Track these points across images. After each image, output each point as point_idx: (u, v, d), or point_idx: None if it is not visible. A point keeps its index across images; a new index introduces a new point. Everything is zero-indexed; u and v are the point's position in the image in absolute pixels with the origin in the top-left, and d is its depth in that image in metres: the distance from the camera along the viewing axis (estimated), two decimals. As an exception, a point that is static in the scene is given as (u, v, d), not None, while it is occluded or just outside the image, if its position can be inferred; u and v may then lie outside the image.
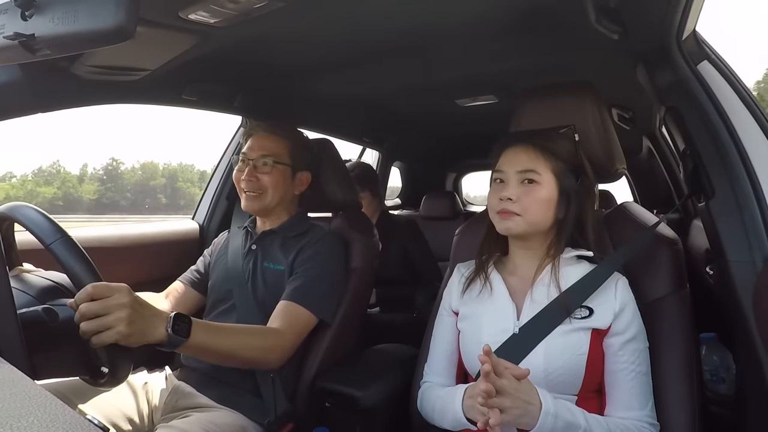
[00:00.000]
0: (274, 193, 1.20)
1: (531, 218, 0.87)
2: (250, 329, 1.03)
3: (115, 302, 0.74)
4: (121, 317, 0.74)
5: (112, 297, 0.75)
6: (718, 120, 0.93)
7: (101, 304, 0.74)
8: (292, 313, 1.08)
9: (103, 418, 0.96)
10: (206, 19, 0.88)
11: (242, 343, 0.96)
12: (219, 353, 0.92)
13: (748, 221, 0.87)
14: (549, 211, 0.88)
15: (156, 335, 0.80)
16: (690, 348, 0.88)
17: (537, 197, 0.87)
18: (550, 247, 0.91)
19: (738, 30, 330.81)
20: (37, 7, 0.56)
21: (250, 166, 1.19)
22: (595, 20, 0.93)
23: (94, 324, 0.73)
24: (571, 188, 0.89)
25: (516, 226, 0.88)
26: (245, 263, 1.22)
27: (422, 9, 0.96)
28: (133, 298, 0.78)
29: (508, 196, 0.87)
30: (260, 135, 1.23)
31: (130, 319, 0.75)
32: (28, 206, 0.81)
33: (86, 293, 0.73)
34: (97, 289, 0.74)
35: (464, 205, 3.47)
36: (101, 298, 0.74)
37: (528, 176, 0.87)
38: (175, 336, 0.81)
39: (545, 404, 0.73)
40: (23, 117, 0.97)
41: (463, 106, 1.82)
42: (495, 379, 0.71)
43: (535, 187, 0.87)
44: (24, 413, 0.32)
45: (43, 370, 0.73)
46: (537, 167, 0.87)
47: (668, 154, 2.15)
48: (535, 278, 0.90)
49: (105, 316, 0.73)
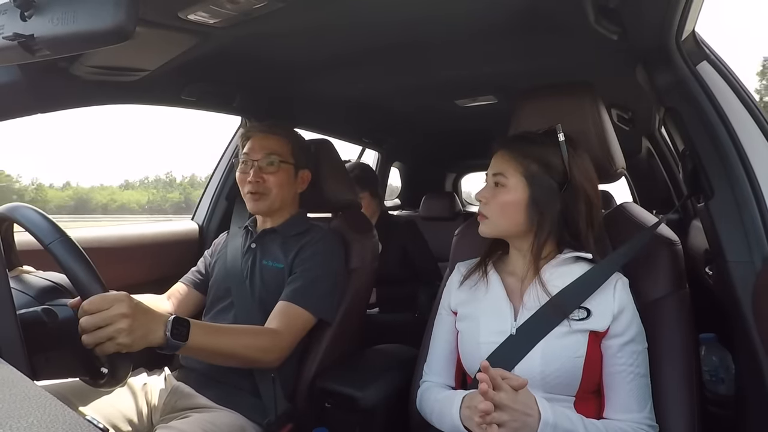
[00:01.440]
0: (279, 192, 1.21)
1: (497, 221, 0.89)
2: (248, 330, 1.03)
3: (114, 313, 0.75)
4: (122, 328, 0.75)
5: (111, 308, 0.75)
6: (717, 120, 0.93)
7: (100, 317, 0.74)
8: (291, 314, 1.08)
9: (102, 418, 0.96)
10: (205, 19, 0.88)
11: (240, 344, 0.97)
12: (217, 354, 0.94)
13: (747, 221, 0.87)
14: (517, 215, 0.88)
15: (156, 340, 0.82)
16: (689, 348, 0.88)
17: (501, 201, 0.88)
18: (532, 249, 0.89)
19: (738, 29, 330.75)
20: (37, 7, 0.56)
21: (255, 167, 1.19)
22: (595, 21, 0.93)
23: (95, 337, 0.74)
24: (544, 192, 0.86)
25: (485, 228, 0.91)
26: (244, 261, 1.22)
27: (422, 9, 0.96)
28: (133, 305, 0.79)
29: (479, 198, 0.90)
30: (261, 135, 1.23)
31: (130, 328, 0.76)
32: (28, 207, 0.81)
33: (83, 309, 0.74)
34: (93, 304, 0.74)
35: (464, 205, 3.48)
36: (100, 310, 0.75)
37: (496, 179, 0.89)
38: (173, 340, 0.83)
39: (544, 415, 0.73)
40: (24, 117, 0.97)
41: (462, 107, 1.82)
42: (493, 394, 0.71)
43: (500, 191, 0.89)
44: (24, 414, 0.32)
45: (43, 371, 0.73)
46: (505, 171, 0.88)
47: (667, 155, 2.15)
48: (525, 279, 0.91)
49: (105, 327, 0.74)
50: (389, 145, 2.58)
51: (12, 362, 0.46)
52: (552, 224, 0.87)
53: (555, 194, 0.87)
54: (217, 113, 1.50)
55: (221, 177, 1.70)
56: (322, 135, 1.69)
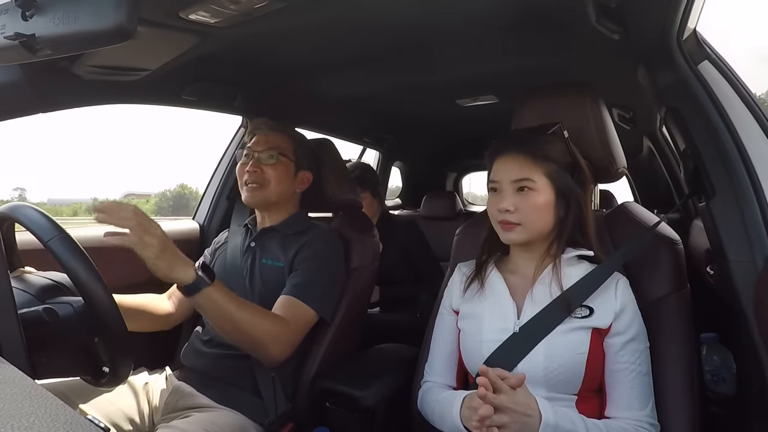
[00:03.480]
0: (276, 185, 1.21)
1: (531, 226, 0.87)
2: (263, 311, 1.03)
3: (152, 230, 0.85)
4: (151, 243, 0.84)
5: (151, 224, 0.86)
6: (718, 120, 0.92)
7: (142, 225, 0.85)
8: (294, 308, 1.08)
9: (104, 417, 0.96)
10: (206, 19, 0.88)
11: (253, 320, 0.97)
12: (229, 318, 0.95)
13: (748, 221, 0.86)
14: (548, 215, 0.88)
15: (186, 275, 0.89)
16: (690, 348, 0.88)
17: (534, 204, 0.86)
18: (550, 247, 0.91)
19: (738, 30, 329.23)
20: (38, 7, 0.56)
21: (255, 158, 1.20)
22: (596, 20, 0.93)
23: (137, 233, 0.83)
24: (568, 187, 0.88)
25: (518, 236, 0.88)
26: (244, 260, 1.22)
27: (423, 8, 0.96)
28: (166, 240, 0.88)
29: (506, 208, 0.86)
30: (265, 132, 1.25)
31: (161, 248, 0.86)
32: (28, 206, 0.81)
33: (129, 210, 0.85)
34: (136, 212, 0.85)
35: (465, 205, 3.47)
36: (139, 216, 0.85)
37: (522, 184, 0.87)
38: (203, 276, 0.90)
39: (545, 415, 0.73)
40: (25, 117, 0.97)
41: (463, 106, 1.82)
42: (492, 397, 0.70)
43: (531, 195, 0.86)
44: (25, 413, 0.32)
45: (44, 370, 0.73)
46: (531, 175, 0.86)
47: (669, 154, 2.15)
48: (536, 277, 0.90)
49: (144, 234, 0.84)
50: (390, 145, 2.57)
51: (13, 361, 0.46)
52: (573, 219, 0.88)
53: (573, 189, 0.88)
54: (217, 113, 1.50)
55: (222, 176, 1.71)
56: (323, 134, 1.69)
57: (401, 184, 3.29)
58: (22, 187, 70.08)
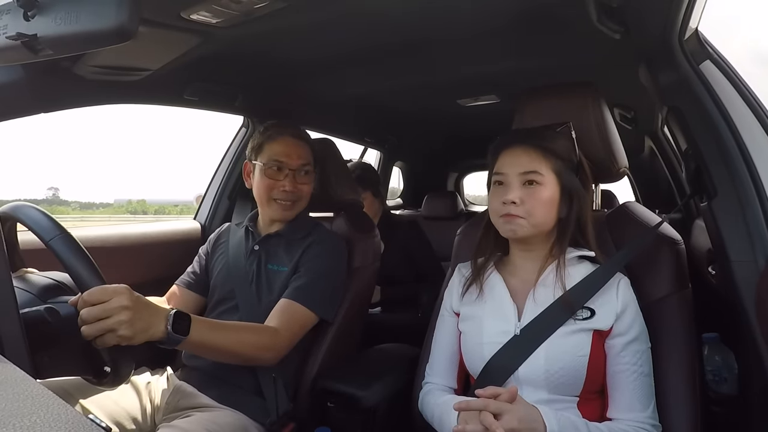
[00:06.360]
0: (306, 199, 1.22)
1: (535, 220, 0.86)
2: (248, 327, 1.04)
3: (115, 305, 0.75)
4: (122, 320, 0.75)
5: (112, 300, 0.75)
6: (720, 120, 0.92)
7: (101, 308, 0.74)
8: (291, 312, 1.08)
9: (106, 416, 0.97)
10: (208, 19, 0.88)
11: (239, 340, 0.97)
12: (217, 350, 0.94)
13: (750, 221, 0.86)
14: (552, 212, 0.88)
15: (157, 334, 0.81)
16: (692, 348, 0.88)
17: (540, 198, 0.86)
18: (552, 247, 0.91)
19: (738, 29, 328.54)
20: (40, 7, 0.56)
21: (291, 176, 1.18)
22: (597, 20, 0.93)
23: (95, 328, 0.73)
24: (573, 185, 0.89)
25: (521, 229, 0.87)
26: (248, 264, 1.22)
27: (424, 8, 0.96)
28: (134, 298, 0.78)
29: (512, 200, 0.86)
30: (292, 141, 1.20)
31: (131, 321, 0.76)
32: (30, 206, 0.81)
33: (83, 300, 0.74)
34: (93, 295, 0.74)
35: (466, 204, 3.47)
36: (100, 302, 0.74)
37: (530, 177, 0.86)
38: (174, 334, 0.83)
39: (549, 426, 0.73)
40: (26, 117, 0.97)
41: (464, 106, 1.82)
42: (498, 425, 0.69)
43: (537, 189, 0.86)
44: (26, 413, 0.32)
45: (46, 370, 0.73)
46: (539, 168, 0.86)
47: (670, 154, 2.15)
48: (537, 279, 0.89)
49: (106, 319, 0.74)
50: (391, 145, 2.58)
51: (15, 361, 0.46)
52: (574, 219, 0.88)
53: (577, 188, 0.89)
54: (218, 113, 1.50)
55: (224, 176, 1.70)
56: (325, 134, 1.69)
57: (401, 184, 3.29)
58: (56, 186, 71.08)
